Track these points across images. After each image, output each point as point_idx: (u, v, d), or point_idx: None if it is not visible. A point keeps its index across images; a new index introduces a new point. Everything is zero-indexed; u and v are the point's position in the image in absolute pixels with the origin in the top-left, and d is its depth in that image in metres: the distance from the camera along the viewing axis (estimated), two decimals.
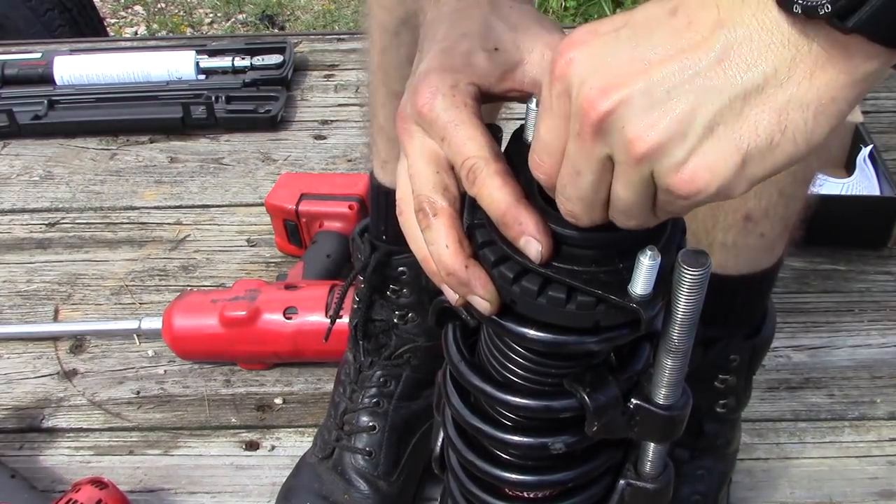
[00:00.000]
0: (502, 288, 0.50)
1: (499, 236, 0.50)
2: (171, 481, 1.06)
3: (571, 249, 0.49)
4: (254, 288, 1.17)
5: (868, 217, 1.31)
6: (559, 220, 0.49)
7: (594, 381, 0.53)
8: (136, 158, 1.58)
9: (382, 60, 0.85)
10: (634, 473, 0.59)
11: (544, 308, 0.49)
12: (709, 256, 0.47)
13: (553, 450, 0.56)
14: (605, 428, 0.54)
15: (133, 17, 3.07)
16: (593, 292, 0.47)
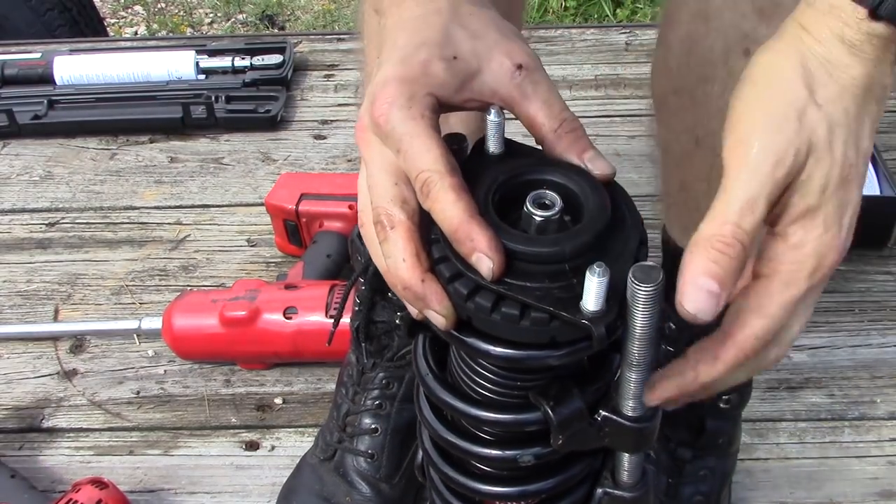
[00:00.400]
0: (458, 304, 0.50)
1: (452, 252, 0.50)
2: (171, 481, 1.06)
3: (525, 265, 0.48)
4: (254, 288, 1.17)
5: (868, 217, 1.29)
6: (513, 235, 0.49)
7: (558, 394, 0.53)
8: (136, 158, 1.57)
9: None
10: (612, 482, 0.59)
11: (499, 324, 0.49)
12: (661, 271, 0.47)
13: (523, 462, 0.56)
14: (571, 440, 0.53)
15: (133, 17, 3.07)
16: (546, 309, 0.47)
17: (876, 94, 0.51)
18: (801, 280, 0.50)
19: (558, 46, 1.78)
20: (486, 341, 0.51)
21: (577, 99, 1.62)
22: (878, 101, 0.51)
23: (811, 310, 0.52)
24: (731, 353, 0.50)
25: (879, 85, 0.51)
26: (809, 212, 0.50)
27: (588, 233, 0.49)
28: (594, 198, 0.51)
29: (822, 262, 0.50)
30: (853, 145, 0.50)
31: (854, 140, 0.50)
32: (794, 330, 0.52)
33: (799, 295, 0.50)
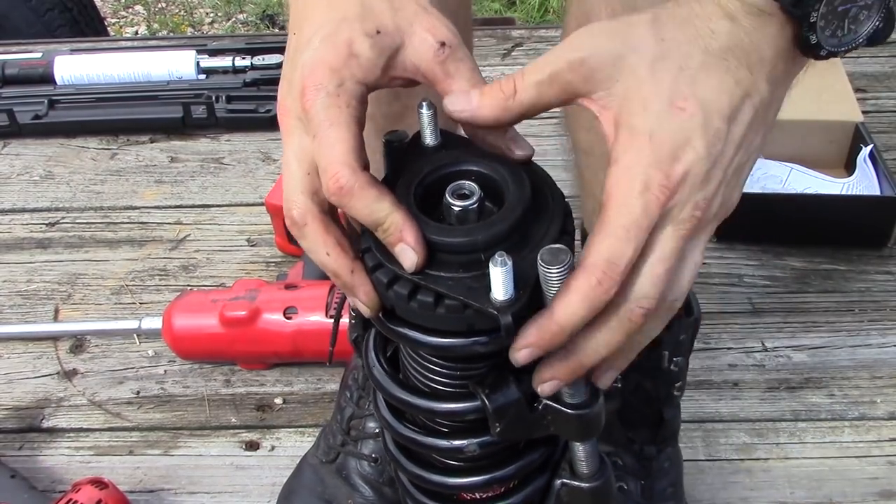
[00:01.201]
0: (381, 293, 0.51)
1: (374, 242, 0.51)
2: (171, 481, 1.06)
3: (442, 255, 0.49)
4: (254, 288, 1.17)
5: (868, 217, 1.31)
6: (429, 225, 0.49)
7: (494, 382, 0.54)
8: (137, 158, 1.58)
9: None
10: (570, 473, 0.59)
11: (417, 313, 0.50)
12: (570, 253, 0.48)
13: (467, 451, 0.57)
14: (510, 428, 0.54)
15: (133, 17, 3.07)
16: (456, 298, 0.48)
17: (747, 60, 0.50)
18: (632, 198, 0.48)
19: None
20: (414, 330, 0.51)
21: None
22: (752, 69, 0.50)
23: (684, 245, 0.50)
24: (581, 279, 0.48)
25: (750, 51, 0.50)
26: (633, 133, 0.50)
27: (504, 222, 0.50)
28: (514, 187, 0.51)
29: (649, 181, 0.48)
30: (687, 83, 0.50)
31: (689, 80, 0.50)
32: (667, 263, 0.50)
33: (637, 215, 0.48)
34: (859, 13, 0.51)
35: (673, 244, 0.50)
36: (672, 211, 0.49)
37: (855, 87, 1.45)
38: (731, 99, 0.50)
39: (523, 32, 1.88)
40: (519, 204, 0.50)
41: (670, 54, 0.50)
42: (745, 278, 1.28)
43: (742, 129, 0.51)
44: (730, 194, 0.53)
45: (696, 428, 1.09)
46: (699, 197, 0.50)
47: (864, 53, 1.71)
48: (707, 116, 0.50)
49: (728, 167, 0.51)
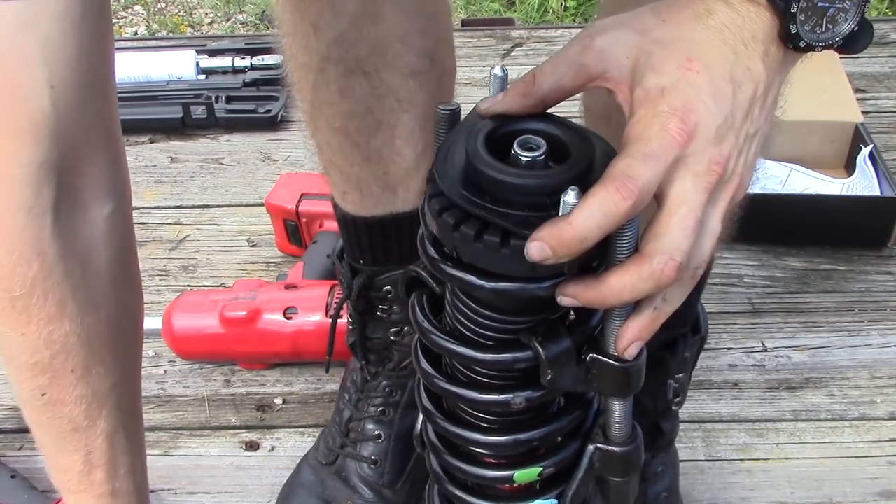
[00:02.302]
0: (447, 237, 0.53)
1: (446, 185, 0.52)
2: (171, 481, 1.06)
3: (510, 195, 0.51)
4: (254, 288, 1.17)
5: (868, 217, 1.31)
6: (500, 167, 0.51)
7: (548, 332, 0.55)
8: (136, 158, 1.57)
9: (315, 98, 0.84)
10: (603, 437, 0.61)
11: (482, 253, 0.51)
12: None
13: (514, 405, 0.58)
14: (559, 378, 0.56)
15: (133, 17, 3.07)
16: (522, 233, 0.49)
17: (742, 36, 0.54)
18: (650, 134, 0.51)
19: (558, 46, 1.77)
20: (477, 274, 0.53)
21: (577, 98, 1.62)
22: (747, 45, 0.54)
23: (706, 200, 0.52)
24: (598, 187, 0.49)
25: (744, 29, 0.54)
26: (646, 91, 0.53)
27: (570, 171, 0.52)
28: (580, 144, 0.54)
29: (665, 123, 0.51)
30: (691, 49, 0.53)
31: (693, 47, 0.53)
32: (695, 214, 0.51)
33: (654, 146, 0.50)
34: (836, 14, 0.55)
35: (698, 196, 0.52)
36: (689, 160, 0.51)
37: (855, 88, 1.45)
38: (732, 66, 0.53)
39: (523, 33, 1.88)
40: (585, 156, 0.53)
41: (673, 30, 0.54)
42: (745, 278, 1.28)
43: (746, 96, 0.54)
44: (743, 166, 0.55)
45: (696, 428, 1.09)
46: (714, 151, 0.52)
47: (864, 54, 1.70)
48: (712, 76, 0.53)
49: (739, 132, 0.54)
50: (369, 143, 0.84)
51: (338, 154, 0.86)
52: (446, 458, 0.64)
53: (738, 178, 0.54)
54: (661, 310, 0.54)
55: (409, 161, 0.86)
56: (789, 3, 0.53)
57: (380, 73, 0.81)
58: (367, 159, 0.86)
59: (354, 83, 0.81)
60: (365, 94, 0.82)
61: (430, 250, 0.56)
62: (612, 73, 0.55)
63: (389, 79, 0.82)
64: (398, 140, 0.85)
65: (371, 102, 0.83)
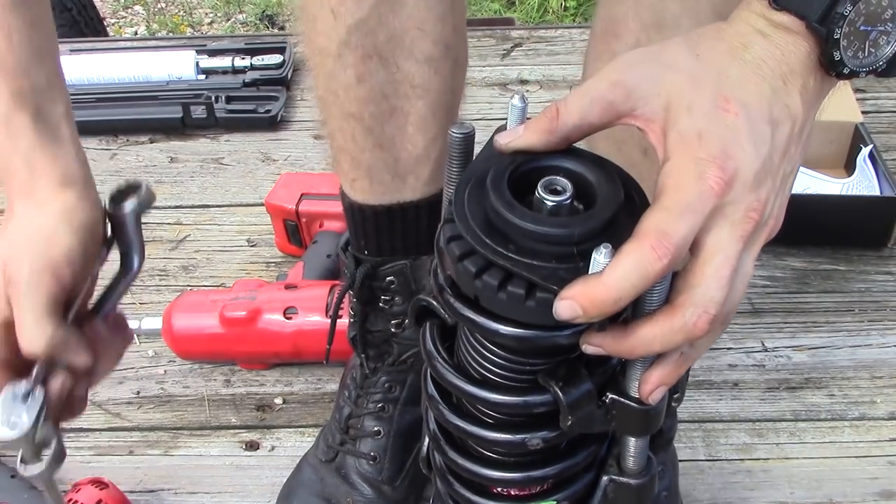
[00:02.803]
0: (467, 284, 0.51)
1: (465, 228, 0.50)
2: (171, 481, 1.06)
3: (534, 244, 0.49)
4: (254, 288, 1.17)
5: (868, 217, 1.31)
6: (524, 214, 0.49)
7: (567, 375, 0.54)
8: (136, 158, 1.57)
9: (331, 84, 0.84)
10: (617, 469, 0.60)
11: (505, 304, 0.49)
12: None
13: (531, 445, 0.57)
14: (580, 422, 0.54)
15: (133, 17, 3.07)
16: (550, 288, 0.48)
17: (780, 71, 0.52)
18: (687, 184, 0.49)
19: (558, 46, 1.78)
20: (497, 320, 0.51)
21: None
22: (786, 81, 0.52)
23: (743, 248, 0.51)
24: (633, 244, 0.48)
25: (782, 62, 0.52)
26: (682, 134, 0.51)
27: (598, 218, 0.50)
28: (607, 186, 0.52)
29: (703, 172, 0.49)
30: (727, 87, 0.51)
31: (729, 85, 0.51)
32: (731, 265, 0.50)
33: (692, 198, 0.48)
34: (879, 37, 0.53)
35: (735, 246, 0.50)
36: (727, 209, 0.50)
37: (854, 88, 1.45)
38: (771, 105, 0.51)
39: (523, 33, 1.88)
40: (613, 201, 0.51)
41: (707, 65, 0.52)
42: None
43: (784, 135, 0.52)
44: (779, 207, 0.54)
45: (696, 428, 1.09)
46: (752, 198, 0.50)
47: None
48: (750, 118, 0.51)
49: (777, 174, 0.52)
50: (383, 129, 0.85)
51: (350, 141, 0.86)
52: (456, 489, 0.63)
53: (773, 220, 0.53)
54: (688, 356, 0.53)
55: (419, 148, 0.86)
56: (832, 29, 0.51)
57: (396, 59, 0.81)
58: (379, 146, 0.86)
59: (371, 69, 0.81)
60: (381, 80, 0.82)
61: (445, 291, 0.54)
62: (643, 111, 0.52)
63: (405, 65, 0.82)
64: (410, 127, 0.85)
65: (387, 88, 0.83)
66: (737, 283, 0.51)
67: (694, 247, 0.50)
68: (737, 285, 0.51)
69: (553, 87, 1.65)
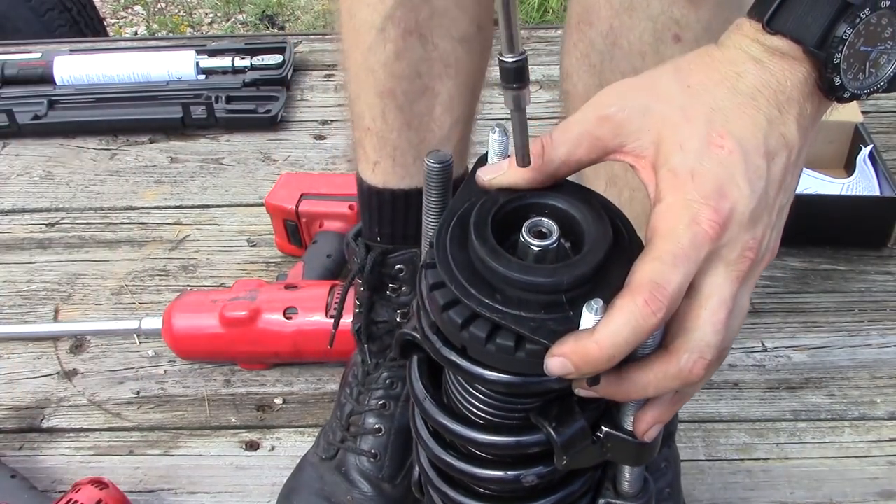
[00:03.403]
0: (452, 333, 0.49)
1: (448, 276, 0.48)
2: (171, 481, 1.06)
3: (521, 294, 0.47)
4: (254, 288, 1.17)
5: (868, 217, 1.31)
6: (510, 263, 0.47)
7: (560, 414, 0.52)
8: (136, 158, 1.57)
9: (368, 59, 0.85)
10: (613, 493, 0.59)
11: (494, 355, 0.48)
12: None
13: (525, 482, 0.55)
14: (575, 459, 0.53)
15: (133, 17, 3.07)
16: (540, 342, 0.46)
17: (776, 100, 0.50)
18: (680, 230, 0.47)
19: (558, 46, 1.78)
20: (486, 367, 0.50)
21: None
22: (781, 109, 0.50)
23: (738, 289, 0.49)
24: (626, 299, 0.46)
25: (778, 91, 0.50)
26: (674, 173, 0.49)
27: (587, 264, 0.48)
28: (595, 226, 0.49)
29: (697, 215, 0.47)
30: (720, 121, 0.49)
31: (722, 119, 0.49)
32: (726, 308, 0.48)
33: (685, 245, 0.47)
34: (879, 56, 0.51)
35: (730, 288, 0.49)
36: (722, 251, 0.48)
37: None
38: (766, 137, 0.49)
39: (523, 33, 1.87)
40: (601, 245, 0.49)
41: (699, 98, 0.50)
42: None
43: (780, 167, 0.50)
44: (775, 239, 0.52)
45: (696, 428, 1.09)
46: (748, 237, 0.49)
47: None
48: (745, 154, 0.49)
49: (773, 209, 0.51)
50: (412, 107, 0.85)
51: (379, 119, 0.87)
52: None
53: (770, 253, 0.52)
54: (684, 394, 0.52)
55: (445, 129, 0.87)
56: (831, 53, 0.49)
57: (434, 36, 0.82)
58: (407, 124, 0.86)
59: (410, 45, 0.82)
60: (418, 58, 0.83)
61: (431, 337, 0.52)
62: (633, 147, 0.50)
63: (441, 43, 0.83)
64: (439, 107, 0.86)
65: (421, 67, 0.84)
66: (733, 322, 0.50)
67: (689, 289, 0.48)
68: (733, 324, 0.50)
69: (553, 88, 1.65)
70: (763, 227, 0.50)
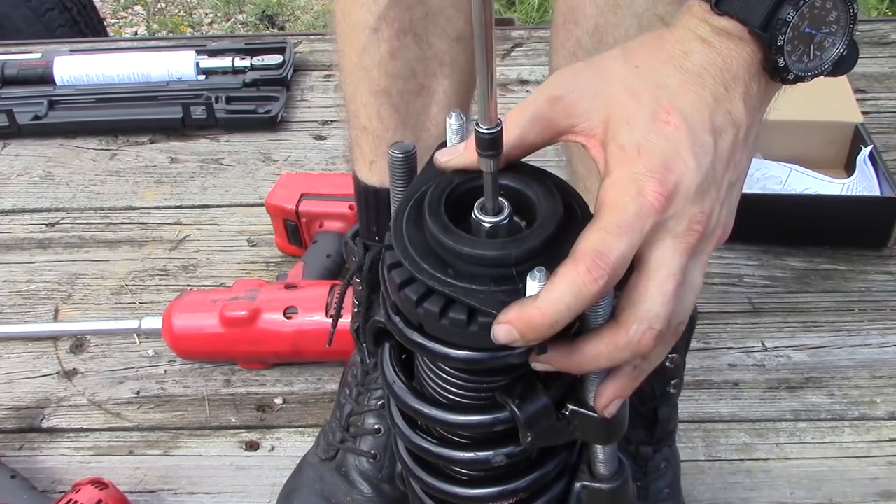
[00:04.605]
0: (409, 311, 0.50)
1: (406, 257, 0.49)
2: (171, 481, 1.06)
3: (473, 268, 0.48)
4: (254, 288, 1.17)
5: (868, 217, 1.31)
6: (461, 238, 0.49)
7: (524, 391, 0.53)
8: (136, 158, 1.58)
9: (363, 59, 0.85)
10: (589, 475, 0.59)
11: (448, 330, 0.49)
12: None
13: (495, 463, 0.56)
14: (541, 436, 0.53)
15: (133, 17, 3.07)
16: (490, 312, 0.47)
17: (722, 78, 0.51)
18: (626, 201, 0.48)
19: None
20: (445, 345, 0.50)
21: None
22: (728, 87, 0.51)
23: (688, 262, 0.50)
24: (568, 267, 0.46)
25: (724, 69, 0.51)
26: (622, 149, 0.50)
27: (536, 238, 0.49)
28: (547, 203, 0.51)
29: (642, 188, 0.48)
30: (667, 98, 0.50)
31: (668, 96, 0.50)
32: (675, 279, 0.49)
33: (630, 215, 0.48)
34: (824, 40, 0.52)
35: (678, 259, 0.49)
36: (669, 223, 0.49)
37: (855, 88, 1.45)
38: (712, 114, 0.50)
39: (523, 33, 1.88)
40: (552, 219, 0.50)
41: (646, 76, 0.51)
42: (745, 278, 1.28)
43: (728, 143, 0.51)
44: (726, 216, 0.53)
45: (696, 428, 1.09)
46: (695, 210, 0.50)
47: (863, 54, 1.71)
48: (691, 129, 0.50)
49: (721, 184, 0.51)
50: (408, 107, 0.85)
51: (375, 118, 0.87)
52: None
53: (721, 229, 0.52)
54: (641, 368, 0.52)
55: (441, 128, 0.87)
56: (775, 35, 0.50)
57: (429, 36, 0.82)
58: (403, 123, 0.87)
59: (405, 44, 0.82)
60: (413, 57, 0.83)
61: (394, 318, 0.53)
62: (583, 127, 0.51)
63: (437, 42, 0.83)
64: (435, 106, 0.86)
65: (417, 66, 0.84)
66: (684, 295, 0.50)
67: (637, 262, 0.49)
68: (684, 297, 0.51)
69: None
70: (711, 202, 0.50)
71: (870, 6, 2.73)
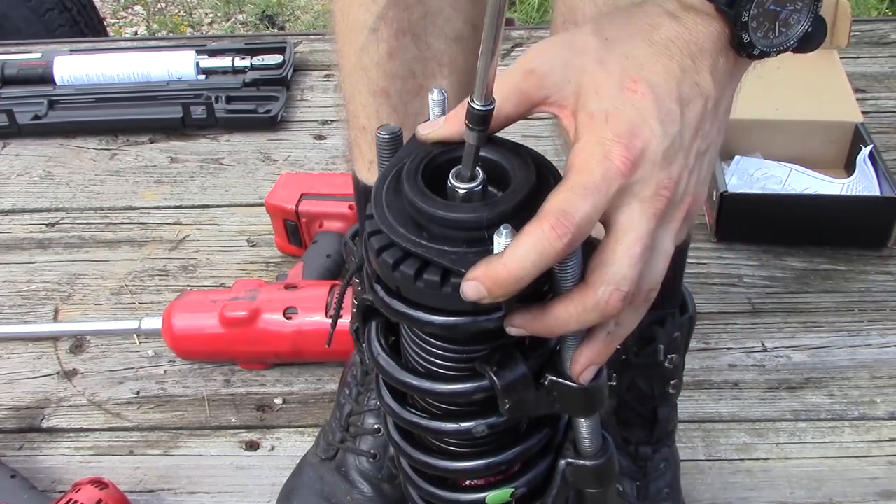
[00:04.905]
0: (388, 277, 0.52)
1: (385, 224, 0.51)
2: (171, 481, 1.06)
3: (446, 231, 0.50)
4: (254, 288, 1.17)
5: (868, 217, 1.31)
6: (435, 202, 0.50)
7: (502, 360, 0.54)
8: (136, 158, 1.58)
9: (362, 59, 0.85)
10: (574, 452, 0.60)
11: (423, 292, 0.50)
12: None
13: (476, 433, 0.57)
14: (519, 406, 0.55)
15: (133, 17, 3.07)
16: (459, 271, 0.49)
17: (689, 51, 0.52)
18: (592, 165, 0.50)
19: None
20: (422, 310, 0.52)
21: None
22: (695, 59, 0.52)
23: (656, 227, 0.51)
24: (533, 225, 0.48)
25: (691, 42, 0.52)
26: (590, 116, 0.51)
27: (508, 202, 0.50)
28: (520, 171, 0.52)
29: (609, 152, 0.50)
30: (635, 68, 0.52)
31: (636, 66, 0.52)
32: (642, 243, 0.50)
33: (597, 178, 0.49)
34: (789, 16, 0.54)
35: (646, 224, 0.51)
36: (635, 187, 0.50)
37: (855, 88, 1.45)
38: (679, 84, 0.52)
39: (523, 33, 1.88)
40: (524, 185, 0.51)
41: (615, 48, 0.53)
42: (745, 278, 1.28)
43: (696, 113, 0.53)
44: (695, 184, 0.54)
45: (696, 428, 1.09)
46: (662, 175, 0.51)
47: (864, 54, 1.71)
48: (658, 97, 0.51)
49: (689, 152, 0.53)
50: (407, 107, 0.86)
51: (374, 118, 0.87)
52: (419, 485, 0.64)
53: (690, 197, 0.53)
54: (615, 334, 0.54)
55: None
56: (739, 11, 0.51)
57: (428, 36, 0.83)
58: (402, 124, 0.86)
59: (404, 44, 0.82)
60: (411, 57, 0.83)
61: (375, 287, 0.54)
62: (555, 97, 0.53)
63: (435, 43, 0.83)
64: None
65: (415, 66, 0.84)
66: (654, 260, 0.52)
67: (606, 225, 0.51)
68: (654, 263, 0.52)
69: None
70: (679, 168, 0.52)
71: (870, 6, 2.73)
